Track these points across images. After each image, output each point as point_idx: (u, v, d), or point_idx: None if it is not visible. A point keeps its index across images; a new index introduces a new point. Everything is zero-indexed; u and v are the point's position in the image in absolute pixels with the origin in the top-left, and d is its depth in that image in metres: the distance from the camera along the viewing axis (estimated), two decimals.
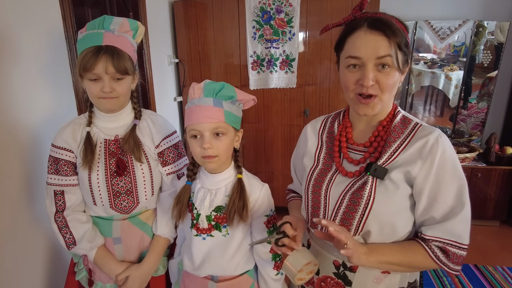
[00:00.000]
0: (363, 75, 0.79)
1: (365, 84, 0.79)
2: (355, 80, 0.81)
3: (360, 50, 0.79)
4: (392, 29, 0.79)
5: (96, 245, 1.14)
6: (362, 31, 0.80)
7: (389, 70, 0.79)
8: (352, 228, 0.85)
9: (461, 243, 0.81)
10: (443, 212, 0.81)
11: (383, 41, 0.78)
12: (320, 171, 0.95)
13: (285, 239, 0.86)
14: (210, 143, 0.94)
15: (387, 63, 0.78)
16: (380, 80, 0.79)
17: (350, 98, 0.85)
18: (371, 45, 0.78)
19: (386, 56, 0.78)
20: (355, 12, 0.85)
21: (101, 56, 0.98)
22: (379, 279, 0.89)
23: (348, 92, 0.84)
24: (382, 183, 0.83)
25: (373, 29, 0.79)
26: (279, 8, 2.52)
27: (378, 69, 0.79)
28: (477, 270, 2.34)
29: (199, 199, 1.02)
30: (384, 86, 0.80)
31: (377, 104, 0.82)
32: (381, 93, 0.81)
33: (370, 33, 0.79)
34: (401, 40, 0.79)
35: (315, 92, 2.70)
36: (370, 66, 0.79)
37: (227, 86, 0.96)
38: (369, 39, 0.79)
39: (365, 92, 0.80)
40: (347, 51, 0.82)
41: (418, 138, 0.82)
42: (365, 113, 0.83)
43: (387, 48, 0.78)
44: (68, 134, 1.10)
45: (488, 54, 2.83)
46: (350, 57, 0.81)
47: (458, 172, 0.81)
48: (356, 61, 0.80)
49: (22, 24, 1.27)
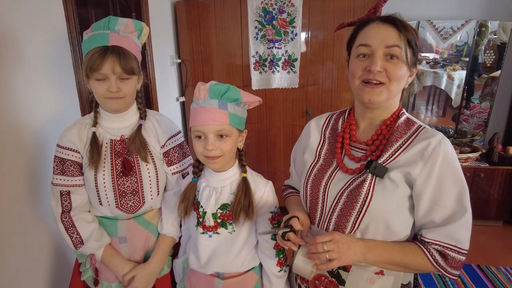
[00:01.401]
0: (372, 61, 0.81)
1: (372, 69, 0.80)
2: (363, 67, 0.83)
3: (371, 38, 0.82)
4: (403, 24, 0.82)
5: (103, 243, 1.15)
6: (374, 24, 0.84)
7: (397, 61, 0.81)
8: (348, 225, 0.86)
9: (460, 247, 0.81)
10: (444, 215, 0.81)
11: (393, 32, 0.81)
12: (321, 167, 0.96)
13: (291, 234, 0.87)
14: (214, 145, 0.95)
15: (395, 54, 0.80)
16: (388, 69, 0.81)
17: (356, 86, 0.86)
18: (381, 34, 0.81)
19: (394, 46, 0.80)
20: (369, 14, 0.88)
21: (108, 56, 0.99)
22: (372, 280, 0.89)
23: (355, 79, 0.85)
24: (381, 181, 0.84)
25: (385, 22, 0.82)
26: (281, 8, 2.52)
27: (387, 59, 0.81)
28: (480, 270, 2.34)
29: (205, 197, 1.03)
30: (391, 75, 0.81)
31: (383, 92, 0.83)
32: (389, 82, 0.82)
33: (382, 24, 0.83)
34: (411, 36, 0.82)
35: (317, 92, 2.71)
36: (379, 53, 0.81)
37: (232, 88, 0.97)
38: (380, 29, 0.82)
39: (371, 78, 0.81)
40: (359, 41, 0.85)
41: (420, 140, 0.83)
42: (369, 99, 0.83)
43: (396, 39, 0.80)
44: (74, 134, 1.11)
45: (491, 54, 2.82)
46: (361, 45, 0.84)
47: (459, 176, 0.81)
48: (366, 49, 0.83)
49: (26, 25, 1.28)
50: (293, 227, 0.88)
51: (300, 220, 0.90)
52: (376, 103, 0.84)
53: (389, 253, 0.83)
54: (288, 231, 0.87)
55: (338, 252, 0.78)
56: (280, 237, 0.88)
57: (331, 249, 0.78)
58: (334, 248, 0.79)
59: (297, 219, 0.89)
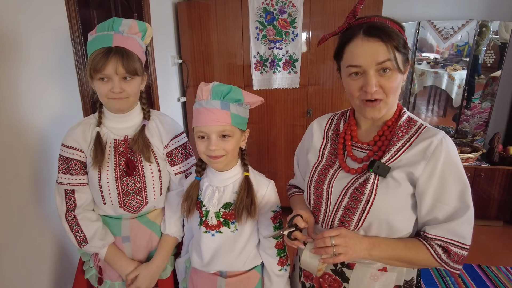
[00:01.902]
0: (366, 82, 0.80)
1: (369, 91, 0.80)
2: (359, 87, 0.83)
3: (359, 59, 0.80)
4: (387, 33, 0.79)
5: (107, 242, 1.16)
6: (359, 39, 0.81)
7: (391, 73, 0.81)
8: (352, 223, 0.87)
9: (463, 243, 0.82)
10: (447, 213, 0.82)
11: (381, 47, 0.79)
12: (324, 167, 0.97)
13: (297, 233, 0.87)
14: (217, 145, 0.96)
15: (387, 67, 0.80)
16: (383, 85, 0.81)
17: (357, 105, 0.87)
18: (369, 53, 0.79)
19: (386, 61, 0.79)
20: (349, 20, 0.86)
21: (111, 57, 1.00)
22: (376, 277, 0.90)
23: (354, 99, 0.86)
24: (384, 180, 0.85)
25: (370, 36, 0.79)
26: (282, 8, 2.53)
27: (380, 74, 0.80)
28: (481, 270, 2.34)
29: (208, 196, 1.04)
30: (388, 90, 0.81)
31: (383, 107, 0.84)
32: (386, 96, 0.82)
33: (367, 40, 0.80)
34: (398, 42, 0.80)
35: (318, 92, 2.71)
36: (372, 72, 0.80)
37: (234, 89, 0.98)
38: (366, 46, 0.80)
39: (370, 98, 0.82)
40: (347, 61, 0.84)
41: (422, 139, 0.83)
42: (372, 116, 0.85)
43: (385, 53, 0.79)
44: (78, 134, 1.12)
45: (491, 54, 2.82)
46: (351, 66, 0.83)
47: (461, 174, 0.82)
48: (357, 69, 0.82)
49: (29, 26, 1.29)
50: (297, 225, 0.88)
51: (304, 217, 0.91)
52: (378, 118, 0.86)
53: (393, 248, 0.84)
54: (294, 230, 0.88)
55: (345, 247, 0.79)
56: (287, 237, 0.89)
57: (339, 243, 0.79)
58: (341, 242, 0.79)
59: (300, 217, 0.90)
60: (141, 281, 1.15)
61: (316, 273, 0.86)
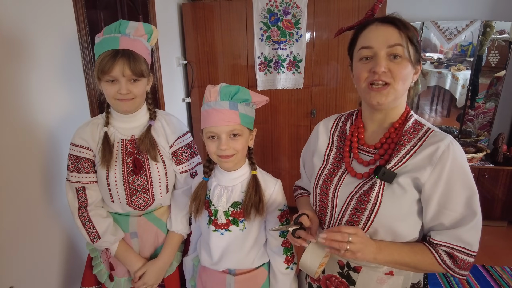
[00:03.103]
0: (375, 63, 0.81)
1: (377, 70, 0.80)
2: (368, 69, 0.83)
3: (372, 40, 0.82)
4: (402, 22, 0.82)
5: (118, 238, 1.19)
6: (374, 25, 0.84)
7: (401, 60, 0.81)
8: None
9: (469, 249, 0.82)
10: (453, 219, 0.81)
11: (394, 31, 0.81)
12: (329, 171, 0.96)
13: (301, 231, 0.88)
14: (227, 144, 0.98)
15: (398, 53, 0.80)
16: (392, 69, 0.80)
17: (362, 89, 0.86)
18: (382, 35, 0.81)
19: (397, 45, 0.80)
20: (367, 17, 0.88)
21: (118, 59, 1.02)
22: (382, 280, 0.90)
23: (360, 82, 0.85)
24: (390, 187, 0.84)
25: (384, 22, 0.82)
26: (286, 9, 2.54)
27: (390, 59, 0.81)
28: (485, 270, 2.34)
29: (216, 195, 1.06)
30: (397, 74, 0.80)
31: (390, 92, 0.82)
32: (394, 81, 0.81)
33: (381, 25, 0.83)
34: (412, 34, 0.82)
35: (322, 92, 2.72)
36: (382, 54, 0.81)
37: (242, 89, 1.00)
38: (380, 30, 0.82)
39: (377, 79, 0.81)
40: (360, 44, 0.85)
41: (429, 144, 0.82)
42: (378, 101, 0.83)
43: (397, 38, 0.80)
44: (87, 133, 1.14)
45: (495, 54, 2.82)
46: (363, 48, 0.84)
47: (468, 180, 0.81)
48: (368, 52, 0.83)
49: (38, 30, 1.31)
50: (302, 224, 0.90)
51: (310, 217, 0.91)
52: (384, 105, 0.84)
53: (398, 253, 0.83)
54: (298, 229, 0.89)
55: (358, 247, 0.78)
56: (291, 234, 0.90)
57: (355, 242, 0.77)
58: (357, 242, 0.78)
59: (306, 216, 0.90)
60: (148, 277, 1.17)
61: (314, 275, 0.85)
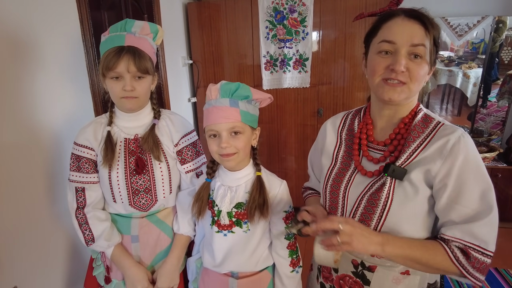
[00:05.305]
0: (395, 60, 0.78)
1: (396, 69, 0.77)
2: (385, 65, 0.80)
3: (396, 35, 0.78)
4: (430, 21, 0.78)
5: (113, 243, 1.16)
6: (399, 18, 0.79)
7: (421, 61, 0.78)
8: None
9: (485, 248, 0.76)
10: (465, 215, 0.77)
11: (420, 30, 0.77)
12: (338, 171, 0.94)
13: (308, 228, 0.85)
14: (228, 142, 0.96)
15: (419, 53, 0.77)
16: (411, 69, 0.78)
17: (376, 83, 0.83)
18: (407, 31, 0.77)
19: (420, 45, 0.77)
20: (391, 6, 0.84)
21: (123, 55, 1.02)
22: (398, 280, 0.87)
23: (375, 77, 0.82)
24: (401, 184, 0.81)
25: (412, 17, 0.78)
26: (292, 7, 2.51)
27: (410, 58, 0.78)
28: (498, 273, 2.27)
29: (220, 196, 1.04)
30: (414, 75, 0.78)
31: (404, 92, 0.80)
32: (410, 81, 0.79)
33: (408, 20, 0.78)
34: (437, 35, 0.79)
35: (329, 91, 2.68)
36: (403, 52, 0.77)
37: (242, 86, 0.98)
38: (406, 25, 0.78)
39: (394, 78, 0.78)
40: (382, 36, 0.81)
41: (439, 137, 0.80)
42: (390, 97, 0.80)
43: (422, 37, 0.77)
44: (89, 133, 1.14)
45: (508, 50, 2.74)
46: (384, 41, 0.80)
47: (482, 173, 0.77)
48: (389, 46, 0.79)
49: (43, 29, 1.31)
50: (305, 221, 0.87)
51: (310, 211, 0.89)
52: (396, 101, 0.82)
53: (409, 246, 0.78)
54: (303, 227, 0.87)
55: (350, 236, 0.74)
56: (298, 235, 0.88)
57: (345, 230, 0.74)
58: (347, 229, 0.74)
59: (306, 212, 0.88)
60: (161, 282, 1.16)
61: (333, 264, 0.82)
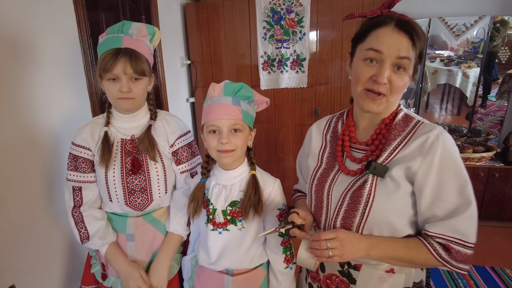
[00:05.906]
0: (379, 72, 0.80)
1: (379, 81, 0.79)
2: (369, 75, 0.82)
3: (383, 45, 0.79)
4: (418, 35, 0.80)
5: (107, 242, 1.18)
6: (389, 28, 0.80)
7: (403, 73, 0.81)
8: (353, 226, 0.86)
9: (465, 241, 0.79)
10: (447, 210, 0.80)
11: (408, 43, 0.79)
12: (323, 171, 0.96)
13: (295, 230, 0.88)
14: (228, 138, 0.99)
15: (403, 65, 0.80)
16: (393, 81, 0.80)
17: (358, 92, 0.85)
18: (395, 43, 0.79)
19: (405, 58, 0.79)
20: (383, 9, 0.85)
21: (120, 57, 1.03)
22: (383, 279, 0.89)
23: (358, 85, 0.84)
24: (383, 181, 0.83)
25: (401, 30, 0.79)
26: (290, 8, 2.53)
27: (394, 70, 0.80)
28: (494, 272, 2.28)
29: (215, 194, 1.06)
30: (395, 87, 0.81)
31: (383, 103, 0.83)
32: (390, 93, 0.81)
33: (398, 32, 0.79)
34: (422, 47, 0.81)
35: (326, 91, 2.69)
36: (388, 64, 0.79)
37: (245, 87, 1.02)
38: (395, 37, 0.79)
39: (375, 90, 0.81)
40: (369, 43, 0.82)
41: (419, 135, 0.82)
42: (368, 109, 0.84)
43: (408, 50, 0.79)
44: (87, 133, 1.16)
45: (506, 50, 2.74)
46: (371, 50, 0.81)
47: (460, 169, 0.80)
48: (375, 55, 0.80)
49: (40, 32, 1.33)
50: (294, 222, 0.89)
51: (301, 215, 0.91)
52: (374, 112, 0.85)
53: (392, 249, 0.82)
54: (291, 228, 0.89)
55: (341, 250, 0.79)
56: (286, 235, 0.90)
57: (334, 246, 0.79)
58: (337, 246, 0.79)
59: (296, 214, 0.90)
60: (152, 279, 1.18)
61: (313, 268, 0.87)
